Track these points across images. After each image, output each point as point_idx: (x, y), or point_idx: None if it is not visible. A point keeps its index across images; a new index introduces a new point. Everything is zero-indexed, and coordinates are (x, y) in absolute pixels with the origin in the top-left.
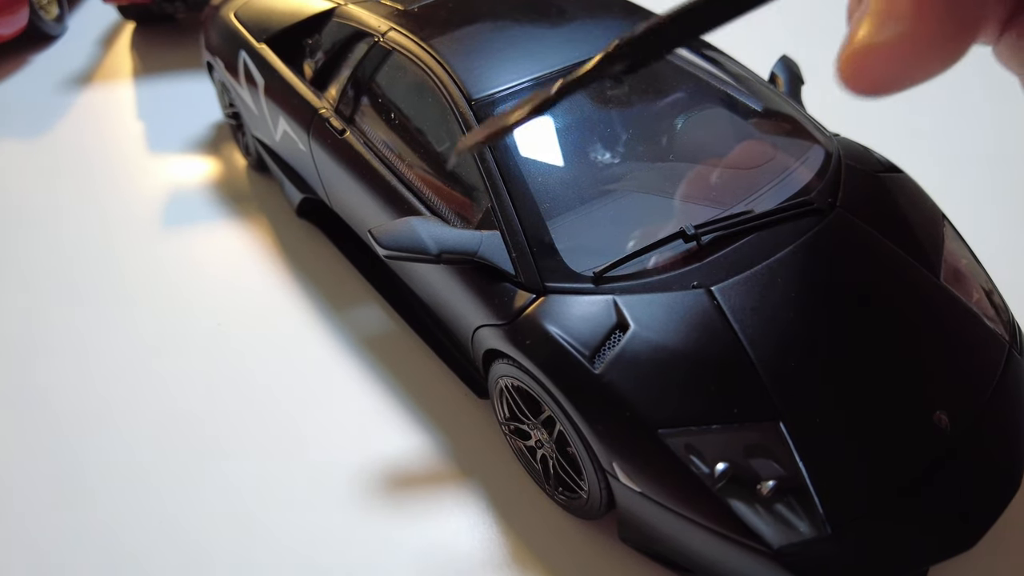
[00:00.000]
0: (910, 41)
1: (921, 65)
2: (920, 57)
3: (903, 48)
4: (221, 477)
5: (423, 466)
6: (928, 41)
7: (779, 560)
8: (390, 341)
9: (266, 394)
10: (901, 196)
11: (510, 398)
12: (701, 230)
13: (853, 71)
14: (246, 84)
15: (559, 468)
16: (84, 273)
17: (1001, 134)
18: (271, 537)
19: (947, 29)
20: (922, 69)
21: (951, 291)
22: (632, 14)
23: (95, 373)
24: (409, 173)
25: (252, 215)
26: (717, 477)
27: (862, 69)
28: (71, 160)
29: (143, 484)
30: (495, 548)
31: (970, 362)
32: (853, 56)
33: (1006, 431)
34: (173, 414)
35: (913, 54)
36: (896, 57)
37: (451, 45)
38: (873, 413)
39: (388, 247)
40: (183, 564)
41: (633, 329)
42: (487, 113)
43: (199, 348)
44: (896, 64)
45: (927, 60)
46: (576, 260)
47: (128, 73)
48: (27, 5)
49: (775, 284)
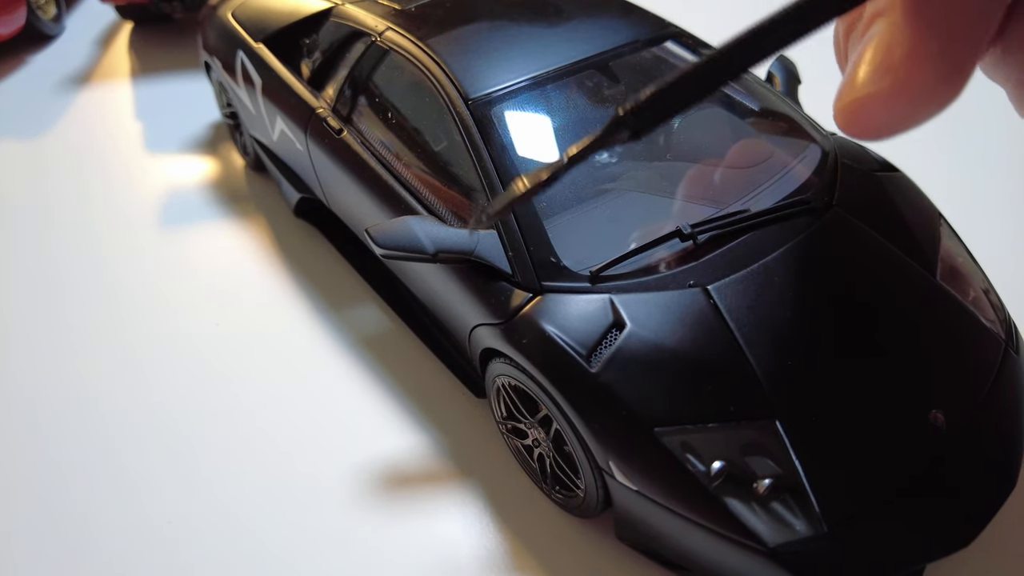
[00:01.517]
0: (906, 89)
1: (919, 110)
2: (918, 103)
3: (900, 96)
4: (219, 476)
5: (420, 465)
6: (924, 87)
7: (775, 559)
8: (388, 340)
9: (263, 394)
10: (897, 195)
11: (507, 397)
12: (697, 229)
13: (851, 120)
14: (244, 84)
15: (556, 467)
16: (81, 273)
17: (998, 133)
18: (268, 537)
19: (942, 73)
20: (920, 113)
21: (947, 290)
22: (629, 13)
23: (93, 373)
24: (406, 172)
25: (250, 215)
26: (713, 475)
27: (860, 118)
28: (69, 160)
29: (142, 484)
30: (492, 547)
31: (966, 361)
32: (850, 106)
33: (1002, 429)
34: (171, 414)
35: (910, 101)
36: (893, 105)
37: (448, 45)
38: (869, 412)
39: (385, 246)
40: (182, 564)
41: (629, 328)
42: (484, 112)
43: (197, 348)
44: (894, 112)
45: (925, 105)
46: (573, 259)
47: (126, 73)
48: (24, 5)
49: (771, 283)
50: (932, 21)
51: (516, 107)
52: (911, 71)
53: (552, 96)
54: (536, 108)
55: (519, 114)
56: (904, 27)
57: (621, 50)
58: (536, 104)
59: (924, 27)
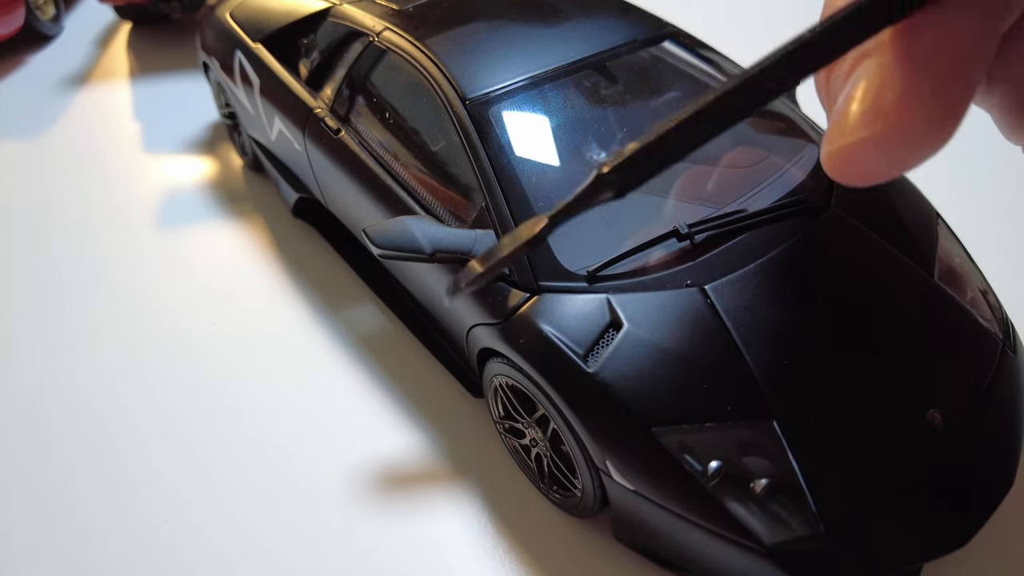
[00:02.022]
0: (898, 133)
1: (912, 154)
2: (911, 147)
3: (892, 141)
4: (217, 476)
5: (418, 465)
6: (917, 131)
7: (772, 558)
8: (385, 340)
9: (261, 393)
10: (895, 195)
11: (504, 397)
12: (695, 229)
13: (842, 167)
14: (242, 84)
15: (553, 466)
16: (79, 273)
17: (995, 134)
18: (266, 537)
19: (935, 115)
20: (914, 158)
21: (945, 290)
22: (627, 13)
23: (91, 373)
24: (404, 172)
25: (248, 215)
26: (710, 475)
27: (851, 165)
28: (67, 160)
29: (140, 484)
30: (489, 546)
31: (964, 361)
32: (841, 152)
33: (999, 429)
34: (170, 413)
35: (903, 145)
36: (886, 150)
37: (446, 45)
38: (866, 411)
39: (382, 246)
40: (179, 563)
41: (627, 328)
42: (482, 112)
43: (195, 348)
44: (886, 157)
45: (918, 149)
46: (570, 259)
47: (124, 73)
48: (23, 5)
49: (769, 283)
50: (924, 62)
51: (513, 107)
52: (903, 115)
53: (550, 96)
54: (534, 108)
55: (516, 114)
56: (895, 69)
57: (619, 50)
58: (534, 104)
59: (916, 68)
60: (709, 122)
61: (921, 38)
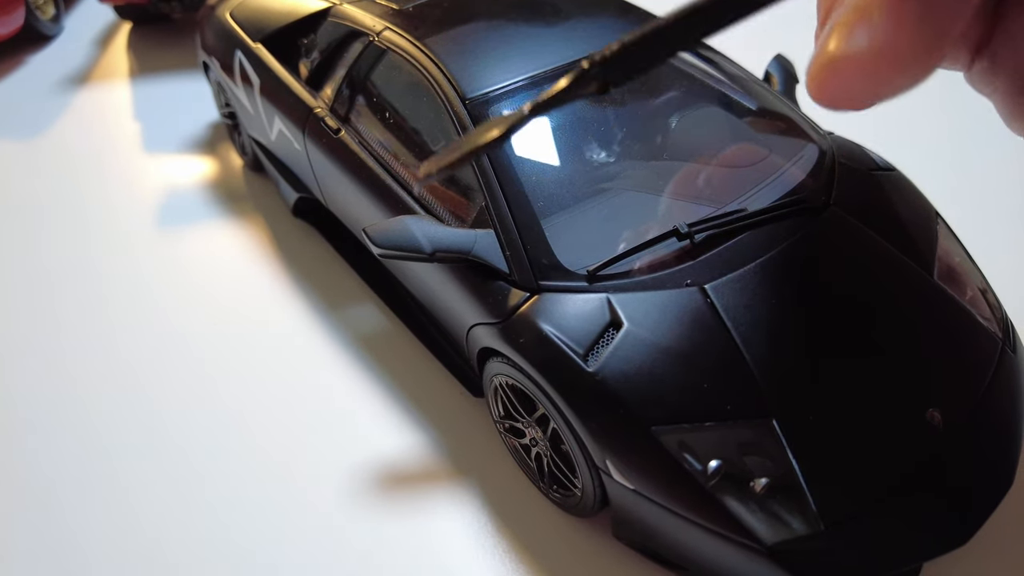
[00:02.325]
0: (884, 51)
1: (892, 78)
2: (892, 69)
3: (877, 59)
4: (216, 476)
5: (417, 464)
6: (903, 51)
7: (772, 557)
8: (386, 340)
9: (260, 393)
10: (895, 194)
11: (504, 396)
12: (694, 228)
13: (821, 84)
14: (242, 84)
15: (553, 466)
16: (78, 273)
17: (995, 133)
18: (264, 536)
19: (922, 37)
20: (893, 82)
21: (945, 289)
22: (627, 13)
23: (90, 373)
24: (404, 172)
25: (248, 215)
26: (710, 474)
27: (831, 82)
28: (67, 160)
29: (137, 484)
30: (489, 546)
31: (964, 360)
32: (822, 69)
33: (999, 428)
34: (168, 413)
35: (888, 64)
36: (870, 69)
37: (446, 44)
38: (866, 410)
39: (382, 246)
40: (178, 564)
41: (627, 327)
42: (481, 112)
43: (195, 348)
44: (870, 76)
45: (898, 73)
46: (570, 258)
47: (124, 73)
48: (23, 5)
49: (769, 282)
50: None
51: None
52: (889, 34)
53: None
54: None
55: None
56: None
57: None
58: None
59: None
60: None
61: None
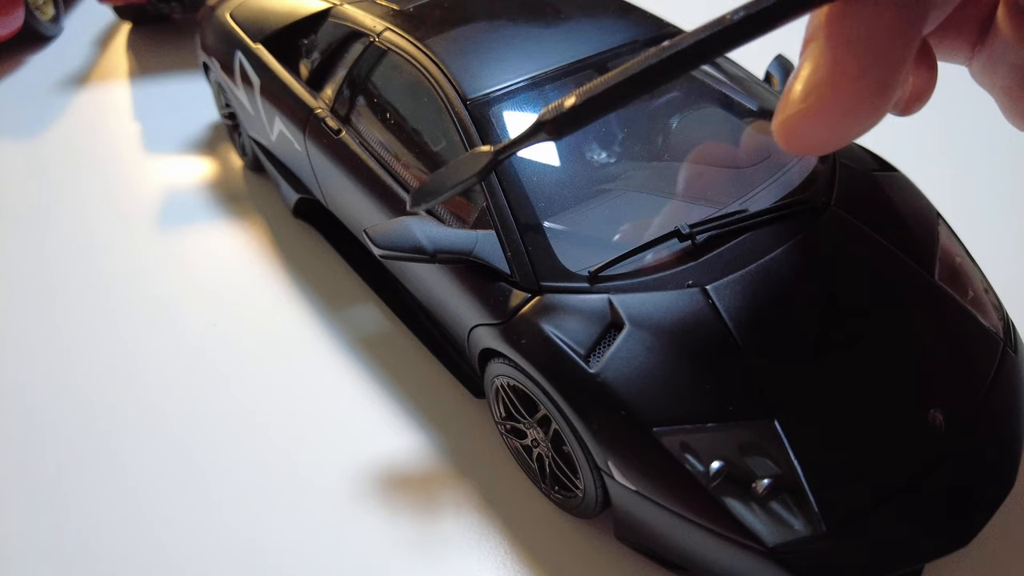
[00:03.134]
0: (828, 108)
1: (845, 127)
2: (842, 121)
3: (823, 115)
4: (216, 476)
5: (419, 465)
6: (845, 106)
7: (774, 558)
8: (386, 341)
9: (262, 394)
10: (896, 195)
11: (506, 397)
12: (696, 229)
13: (784, 137)
14: (242, 84)
15: (555, 467)
16: (78, 273)
17: (995, 132)
18: (264, 538)
19: (862, 92)
20: (847, 130)
21: (946, 289)
22: (627, 13)
23: (90, 373)
24: (405, 173)
25: (248, 215)
26: (712, 476)
27: (792, 135)
28: (67, 161)
29: (136, 484)
30: (491, 547)
31: (965, 360)
32: (783, 123)
33: (1000, 429)
34: (168, 413)
35: (834, 119)
36: (819, 123)
37: (446, 45)
38: (868, 411)
39: (383, 247)
40: (176, 565)
41: (628, 328)
42: (483, 113)
43: (195, 348)
44: (821, 129)
45: (849, 123)
46: (571, 259)
47: (124, 74)
48: (23, 6)
49: (770, 283)
50: (850, 42)
51: (514, 107)
52: (832, 91)
53: (550, 96)
54: (534, 108)
55: (517, 114)
56: (825, 50)
57: (620, 50)
58: (534, 104)
59: (843, 48)
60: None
61: (846, 22)
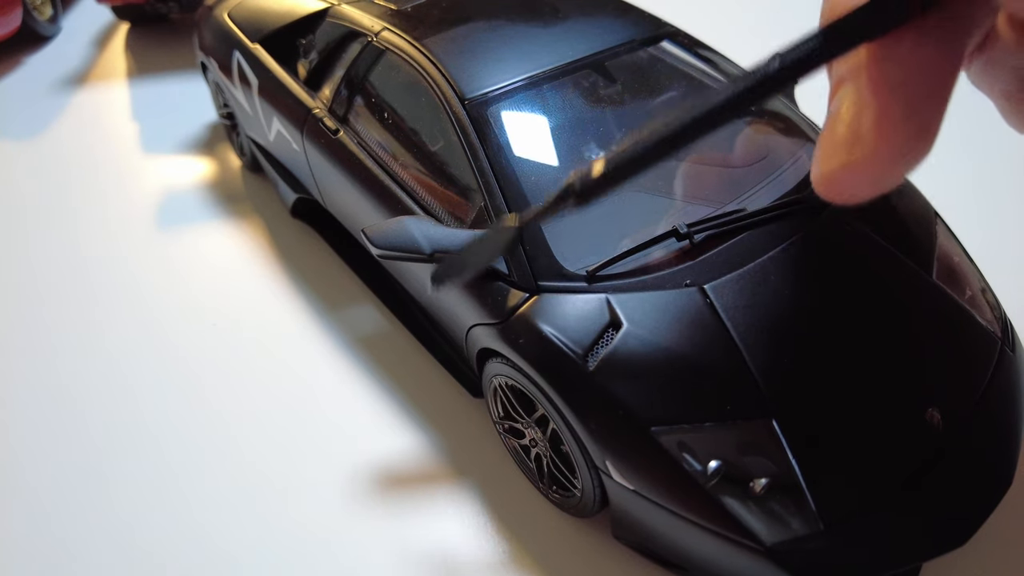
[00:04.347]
0: (876, 158)
1: (892, 174)
2: (890, 169)
3: (871, 165)
4: (214, 476)
5: (417, 465)
6: (894, 153)
7: (772, 557)
8: (385, 340)
9: (260, 393)
10: (894, 194)
11: (504, 397)
12: (694, 228)
13: (829, 190)
14: (240, 84)
15: (553, 467)
16: (76, 273)
17: (994, 132)
18: (261, 538)
19: (910, 137)
20: (895, 176)
21: (944, 289)
22: (625, 12)
23: (88, 374)
24: (403, 173)
25: (246, 215)
26: (710, 475)
27: (837, 188)
28: (65, 161)
29: (134, 485)
30: (489, 547)
31: (962, 359)
32: (826, 177)
33: (998, 428)
34: (167, 414)
35: (882, 168)
36: (866, 174)
37: (444, 45)
38: (866, 410)
39: (381, 246)
40: (175, 567)
41: (626, 328)
42: (480, 112)
43: (194, 348)
44: (868, 179)
45: (897, 169)
46: (569, 259)
47: (122, 74)
48: (20, 6)
49: (768, 282)
50: (895, 86)
51: (512, 107)
52: (880, 140)
53: (548, 96)
54: (532, 108)
55: (515, 114)
56: (867, 96)
57: (617, 50)
58: (532, 104)
59: (887, 93)
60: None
61: (888, 65)
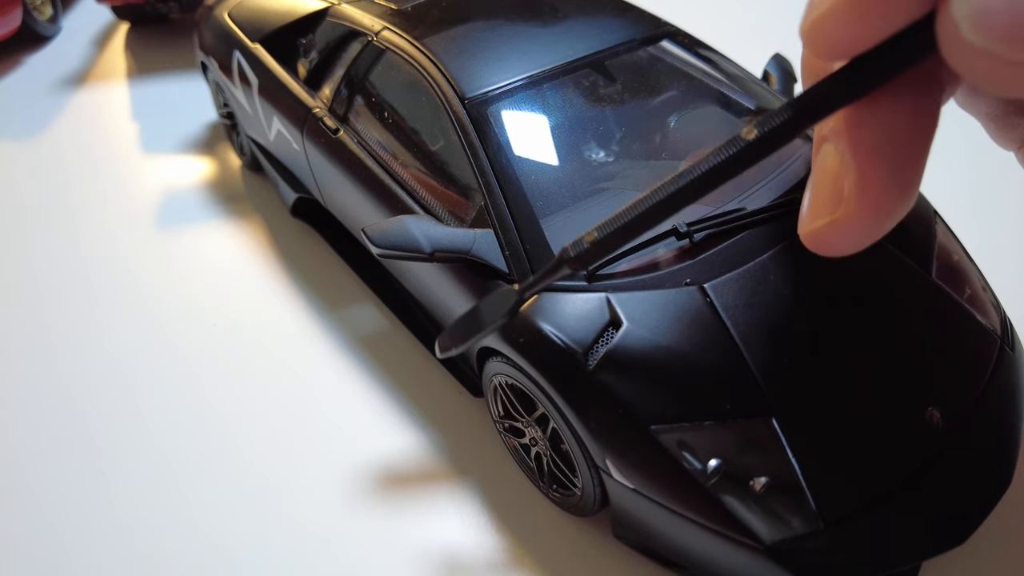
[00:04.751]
0: (859, 216)
1: (876, 229)
2: (873, 225)
3: (855, 223)
4: (213, 477)
5: (417, 464)
6: (876, 211)
7: (771, 555)
8: (384, 339)
9: (260, 393)
10: None
11: (504, 396)
12: (694, 227)
13: (816, 246)
14: (240, 84)
15: (553, 465)
16: (75, 273)
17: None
18: (262, 538)
19: (891, 195)
20: (879, 230)
21: (943, 287)
22: (625, 12)
23: (87, 374)
24: (403, 172)
25: (247, 215)
26: (710, 473)
27: (823, 245)
28: (64, 161)
29: (133, 485)
30: (489, 546)
31: (962, 358)
32: (812, 235)
33: (997, 427)
34: (166, 414)
35: (866, 225)
36: (850, 232)
37: (444, 44)
38: (865, 409)
39: (381, 246)
40: (175, 567)
41: (626, 326)
42: (480, 112)
43: (194, 348)
44: (853, 234)
45: (881, 224)
46: None
47: (122, 74)
48: (20, 5)
49: (768, 281)
50: (873, 149)
51: (513, 106)
52: (862, 202)
53: (549, 95)
54: (533, 107)
55: (516, 113)
56: (849, 158)
57: (617, 49)
58: (533, 103)
59: (867, 156)
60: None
61: (866, 130)
